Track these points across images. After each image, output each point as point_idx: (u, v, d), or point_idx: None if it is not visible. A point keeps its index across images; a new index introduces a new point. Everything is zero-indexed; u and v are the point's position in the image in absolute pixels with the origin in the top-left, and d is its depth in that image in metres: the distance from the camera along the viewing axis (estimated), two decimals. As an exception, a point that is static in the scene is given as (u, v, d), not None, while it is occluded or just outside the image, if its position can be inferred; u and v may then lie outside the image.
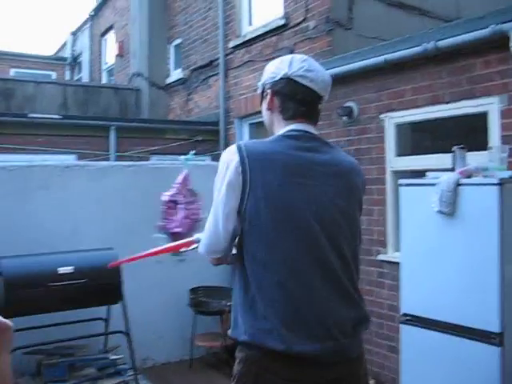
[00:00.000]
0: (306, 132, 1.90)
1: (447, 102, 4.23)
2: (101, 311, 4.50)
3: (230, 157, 1.80)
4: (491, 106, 3.93)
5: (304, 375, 1.74)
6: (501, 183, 3.07)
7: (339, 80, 5.12)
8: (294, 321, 1.74)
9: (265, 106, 1.99)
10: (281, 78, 1.89)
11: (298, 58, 1.94)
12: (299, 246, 1.77)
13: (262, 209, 1.75)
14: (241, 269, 1.83)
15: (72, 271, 4.12)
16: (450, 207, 3.26)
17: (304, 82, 1.88)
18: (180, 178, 3.40)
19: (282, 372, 1.73)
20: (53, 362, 4.21)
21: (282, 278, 1.75)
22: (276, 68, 1.92)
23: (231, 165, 1.78)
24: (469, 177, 3.28)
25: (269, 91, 1.94)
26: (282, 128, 1.92)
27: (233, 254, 1.92)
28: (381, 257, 4.76)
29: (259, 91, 2.03)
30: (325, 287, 1.79)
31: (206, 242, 1.93)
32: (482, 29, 3.83)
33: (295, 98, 1.89)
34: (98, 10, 14.12)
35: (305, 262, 1.77)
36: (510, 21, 3.65)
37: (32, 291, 3.97)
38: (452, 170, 3.42)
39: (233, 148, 1.82)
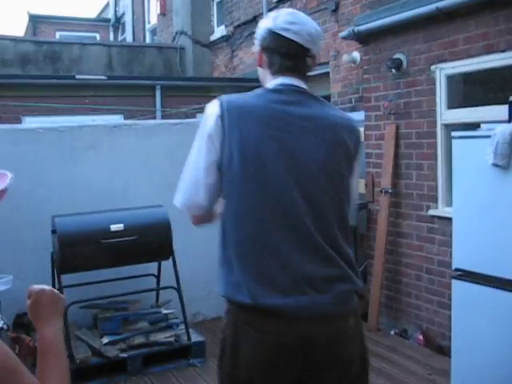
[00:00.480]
0: (292, 85, 1.86)
1: (503, 51, 4.04)
2: (152, 267, 4.60)
3: (211, 110, 1.81)
4: (550, 54, 3.74)
5: (278, 329, 1.73)
6: (561, 133, 2.94)
7: (387, 31, 4.98)
8: (261, 275, 1.72)
9: (257, 62, 1.98)
10: (266, 33, 1.88)
11: (284, 11, 1.92)
12: (269, 201, 1.74)
13: (235, 160, 1.74)
14: (221, 223, 1.83)
15: (123, 228, 4.20)
16: (506, 160, 3.15)
17: (287, 34, 1.84)
18: None
19: (256, 325, 1.74)
20: (108, 315, 4.33)
21: (251, 232, 1.74)
22: (263, 24, 1.91)
23: (211, 117, 1.79)
24: (526, 128, 3.15)
25: (258, 47, 1.94)
26: (269, 82, 1.91)
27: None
28: (431, 212, 4.67)
29: (256, 48, 1.99)
30: (296, 245, 1.74)
31: (184, 194, 1.87)
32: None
33: (280, 51, 1.87)
34: (139, -32, 14.01)
35: (274, 217, 1.73)
36: None
37: (85, 248, 4.07)
38: (508, 121, 3.30)
39: (215, 101, 1.83)
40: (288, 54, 1.87)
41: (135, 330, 4.33)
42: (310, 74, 1.97)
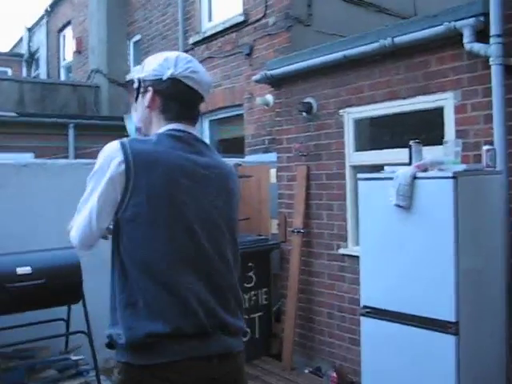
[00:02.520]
0: (190, 133, 1.87)
1: (404, 98, 4.30)
2: (61, 311, 4.43)
3: (112, 153, 1.73)
4: (446, 102, 4.01)
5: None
6: (455, 176, 3.14)
7: (299, 76, 5.18)
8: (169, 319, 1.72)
9: (143, 103, 1.90)
10: (166, 78, 1.83)
11: (183, 57, 1.89)
12: (179, 248, 1.74)
13: (144, 209, 1.70)
14: (118, 264, 1.77)
15: (30, 271, 4.04)
16: (407, 200, 3.33)
17: (190, 83, 1.85)
18: None
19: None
20: (11, 365, 4.12)
21: (160, 278, 1.71)
22: (159, 66, 1.85)
23: (114, 161, 1.71)
24: (425, 170, 3.34)
25: (150, 89, 1.86)
26: (160, 127, 1.87)
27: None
28: (341, 251, 4.82)
29: (135, 86, 1.94)
30: (205, 289, 1.77)
31: (79, 237, 1.83)
32: (436, 26, 3.91)
33: (179, 98, 1.86)
34: (54, 5, 13.86)
35: (185, 264, 1.75)
36: (462, 18, 3.74)
37: (-12, 293, 3.87)
38: (409, 164, 3.49)
39: (115, 144, 1.74)
40: (187, 101, 1.88)
41: (42, 378, 4.13)
42: (224, 115, 2.02)
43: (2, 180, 4.68)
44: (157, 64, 1.86)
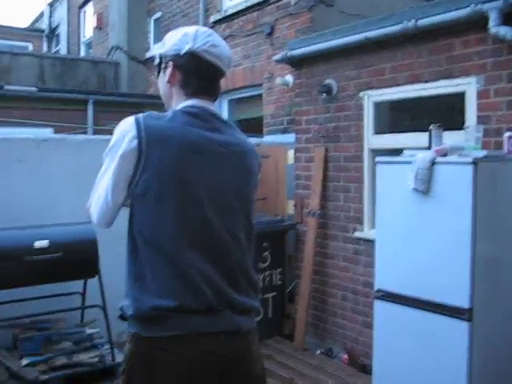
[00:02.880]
0: (206, 109, 1.86)
1: (426, 81, 4.24)
2: (77, 285, 4.49)
3: (126, 128, 1.73)
4: (469, 86, 3.95)
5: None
6: (475, 162, 3.10)
7: (320, 57, 5.13)
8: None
9: (164, 78, 1.90)
10: (185, 53, 1.82)
11: (202, 31, 1.87)
12: (188, 226, 1.74)
13: (154, 185, 1.71)
14: (131, 239, 1.79)
15: (47, 245, 4.09)
16: (425, 185, 3.30)
17: (209, 57, 1.83)
18: None
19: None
20: (28, 335, 4.19)
21: (168, 255, 1.72)
22: (179, 41, 1.84)
23: (127, 137, 1.71)
24: (444, 155, 3.31)
25: (170, 64, 1.86)
26: (180, 102, 1.86)
27: None
28: (357, 234, 4.81)
29: (156, 62, 1.94)
30: (212, 267, 1.76)
31: (98, 213, 1.84)
32: (462, 8, 3.84)
33: (199, 73, 1.85)
34: (76, -20, 13.82)
35: (192, 241, 1.74)
36: (489, 1, 3.66)
37: (7, 265, 3.93)
38: (428, 148, 3.46)
39: (130, 120, 1.75)
40: (207, 76, 1.87)
41: (58, 350, 4.20)
42: (244, 95, 2.00)
43: (21, 154, 4.72)
44: (177, 39, 1.86)
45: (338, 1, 6.58)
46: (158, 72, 1.94)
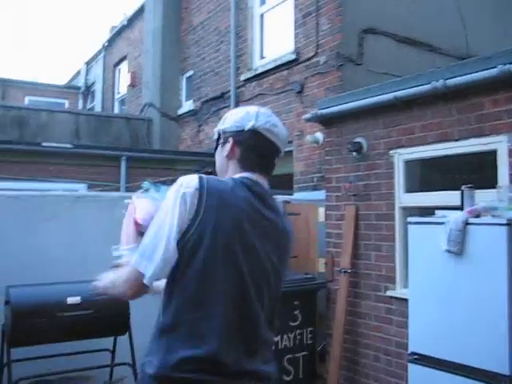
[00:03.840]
0: (261, 185, 1.91)
1: (456, 140, 4.25)
2: (107, 342, 4.48)
3: (189, 183, 1.77)
4: (500, 145, 3.95)
5: None
6: (509, 223, 3.07)
7: (349, 115, 5.19)
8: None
9: (223, 153, 1.96)
10: (248, 129, 1.90)
11: (263, 111, 1.97)
12: (230, 292, 1.77)
13: (205, 244, 1.72)
14: (168, 298, 1.79)
15: (79, 301, 4.12)
16: (458, 246, 3.27)
17: (269, 136, 1.92)
18: None
19: None
20: (57, 393, 4.18)
21: (209, 313, 1.74)
22: (241, 118, 1.93)
23: (188, 191, 1.74)
24: (477, 216, 3.29)
25: (230, 139, 1.93)
26: (234, 175, 1.92)
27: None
28: (389, 293, 4.74)
29: (215, 137, 2.02)
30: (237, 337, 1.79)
31: (154, 266, 1.76)
32: (490, 68, 3.88)
33: (258, 150, 1.92)
34: (111, 40, 14.40)
35: (227, 308, 1.76)
36: (517, 61, 3.70)
37: (39, 321, 3.95)
38: (460, 208, 3.44)
39: (194, 176, 1.79)
40: (264, 153, 1.95)
41: (86, 408, 4.16)
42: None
43: (55, 211, 4.82)
44: (238, 117, 1.95)
45: (366, 59, 6.71)
46: (216, 147, 2.02)
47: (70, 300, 4.10)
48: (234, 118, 1.96)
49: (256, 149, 1.92)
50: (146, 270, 1.75)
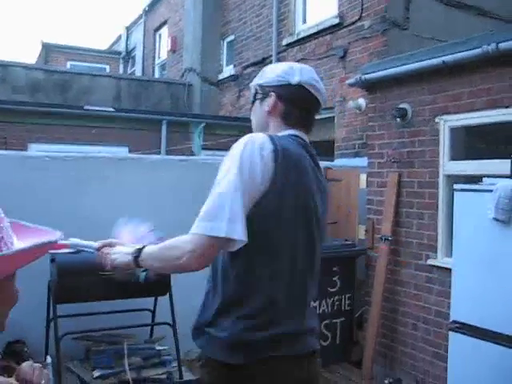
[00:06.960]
0: (305, 140, 1.90)
1: (507, 107, 4.11)
2: (148, 302, 4.57)
3: (262, 142, 1.67)
4: (553, 112, 3.81)
5: None
6: (562, 192, 2.97)
7: (394, 81, 5.07)
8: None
9: (261, 108, 1.90)
10: (292, 84, 1.84)
11: (305, 66, 1.93)
12: (299, 246, 1.78)
13: (277, 203, 1.67)
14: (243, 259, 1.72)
15: (122, 261, 4.19)
16: (507, 215, 3.19)
17: (313, 91, 1.88)
18: None
19: None
20: (101, 349, 4.29)
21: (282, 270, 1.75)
22: (285, 73, 1.86)
23: (264, 151, 1.65)
24: (528, 184, 3.19)
25: (272, 94, 1.86)
26: (279, 132, 1.84)
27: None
28: (430, 261, 4.68)
29: (253, 91, 1.95)
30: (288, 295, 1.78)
31: (208, 216, 1.62)
32: (546, 32, 3.72)
33: (302, 105, 1.88)
34: (152, 5, 14.34)
35: (296, 271, 1.78)
36: None
37: (84, 279, 4.04)
38: (509, 177, 3.34)
39: (263, 136, 1.71)
40: (308, 109, 1.91)
41: (127, 365, 4.27)
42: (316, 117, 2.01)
43: (99, 172, 4.88)
44: (281, 70, 1.89)
45: (412, 24, 6.52)
46: (253, 102, 1.96)
47: (113, 260, 4.18)
48: (276, 71, 1.89)
49: (300, 104, 1.88)
50: (233, 232, 1.59)
